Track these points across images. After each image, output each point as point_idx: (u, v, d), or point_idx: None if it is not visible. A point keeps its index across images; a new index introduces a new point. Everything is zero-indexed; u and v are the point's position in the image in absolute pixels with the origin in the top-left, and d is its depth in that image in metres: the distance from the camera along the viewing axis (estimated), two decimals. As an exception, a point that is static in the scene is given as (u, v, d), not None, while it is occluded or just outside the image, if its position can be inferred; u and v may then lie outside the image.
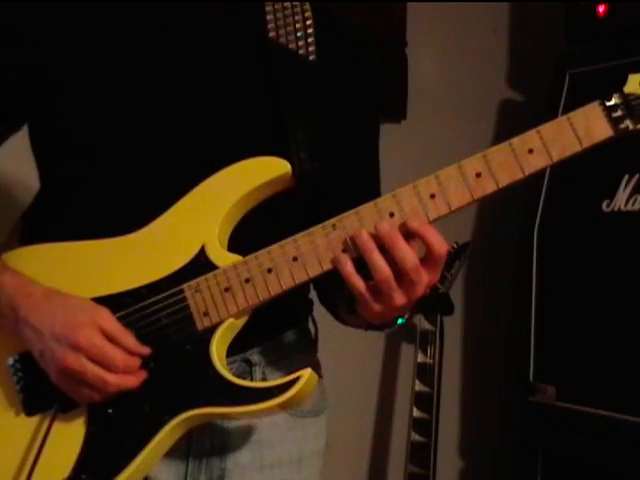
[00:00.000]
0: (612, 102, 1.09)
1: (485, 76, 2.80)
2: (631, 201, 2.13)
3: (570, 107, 2.39)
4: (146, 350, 1.13)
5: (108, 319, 1.12)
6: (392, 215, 1.10)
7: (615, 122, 1.08)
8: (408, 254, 1.06)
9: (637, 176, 2.11)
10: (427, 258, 1.08)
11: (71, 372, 1.10)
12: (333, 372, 1.33)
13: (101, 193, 1.22)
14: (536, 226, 2.33)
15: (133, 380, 1.12)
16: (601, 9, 2.28)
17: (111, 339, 1.11)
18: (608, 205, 2.18)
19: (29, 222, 1.31)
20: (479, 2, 2.74)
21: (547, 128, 1.09)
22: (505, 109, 2.82)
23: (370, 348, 2.66)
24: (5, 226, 1.33)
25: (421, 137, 2.68)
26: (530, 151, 1.09)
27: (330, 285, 1.19)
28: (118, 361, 1.11)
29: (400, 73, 2.63)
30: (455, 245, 2.51)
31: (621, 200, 2.15)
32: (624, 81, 1.11)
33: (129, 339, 1.12)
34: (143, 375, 1.13)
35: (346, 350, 2.32)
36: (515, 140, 1.09)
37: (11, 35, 1.21)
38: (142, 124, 1.21)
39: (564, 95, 2.33)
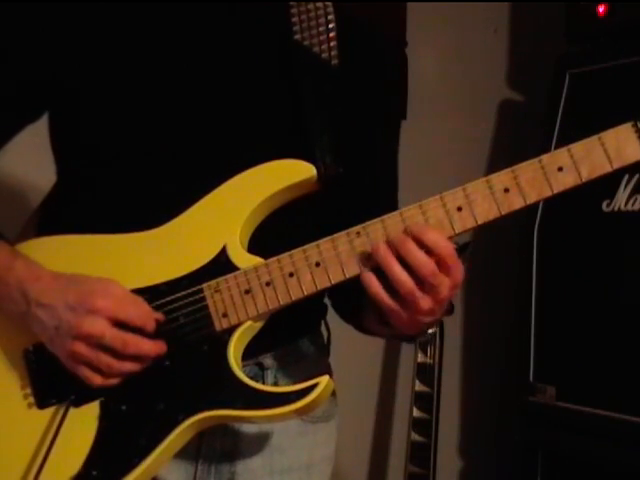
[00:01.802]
0: None
1: (485, 76, 2.79)
2: (631, 201, 2.13)
3: (570, 107, 2.41)
4: (160, 315, 1.12)
5: (119, 287, 1.12)
6: None
7: None
8: (422, 259, 1.06)
9: (637, 176, 2.11)
10: (437, 260, 1.07)
11: (89, 337, 1.09)
12: (333, 372, 1.33)
13: (119, 190, 1.21)
14: (536, 226, 2.33)
15: (151, 345, 1.11)
16: (601, 9, 2.28)
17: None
18: (608, 205, 2.18)
19: (46, 213, 1.31)
20: (479, 2, 2.74)
21: (578, 146, 1.08)
22: (505, 109, 2.82)
23: (370, 348, 2.66)
24: (17, 221, 1.33)
25: (421, 137, 2.68)
26: (560, 169, 1.08)
27: (352, 296, 1.19)
28: (139, 314, 1.10)
29: (400, 73, 2.62)
30: (455, 245, 2.51)
31: (621, 200, 2.15)
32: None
33: (142, 305, 1.12)
34: (162, 346, 1.12)
35: (346, 350, 2.31)
36: (545, 157, 1.08)
37: (27, 36, 1.20)
38: (162, 124, 1.20)
39: (564, 95, 2.33)
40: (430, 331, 1.17)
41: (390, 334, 1.23)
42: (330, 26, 1.25)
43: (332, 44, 1.25)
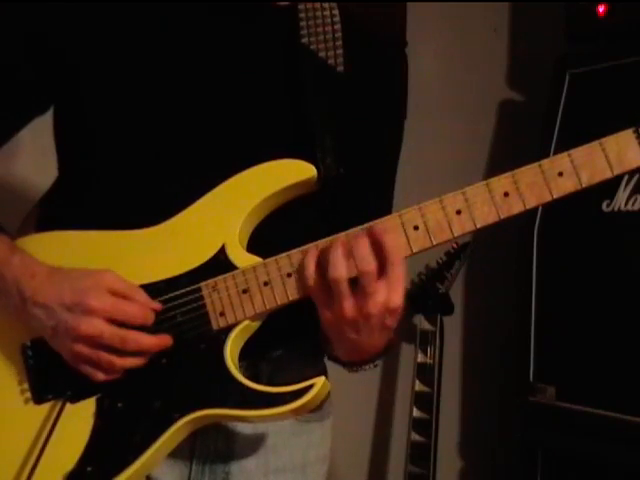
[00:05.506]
0: None
1: (485, 76, 2.79)
2: (631, 201, 2.13)
3: (570, 107, 2.42)
4: (158, 305, 1.13)
5: (114, 278, 1.12)
6: (416, 228, 1.10)
7: None
8: (365, 254, 1.06)
9: (637, 176, 2.11)
10: (380, 264, 1.07)
11: (87, 338, 1.09)
12: (333, 372, 1.33)
13: (119, 186, 1.22)
14: (536, 226, 2.33)
15: (152, 340, 1.11)
16: (601, 9, 2.28)
17: (122, 297, 1.11)
18: (608, 205, 2.17)
19: (46, 208, 1.31)
20: (479, 2, 2.74)
21: (578, 152, 1.08)
22: (505, 109, 2.82)
23: (370, 348, 2.65)
24: (17, 218, 1.33)
25: (421, 137, 2.68)
26: (560, 174, 1.08)
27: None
28: (136, 312, 1.10)
29: (402, 75, 2.62)
30: (455, 245, 2.51)
31: (621, 200, 2.14)
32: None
33: (140, 293, 1.12)
34: (165, 339, 1.12)
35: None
36: (545, 162, 1.08)
37: (35, 30, 1.20)
38: (165, 122, 1.20)
39: (564, 95, 2.33)
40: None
41: (329, 354, 1.25)
42: (336, 31, 1.26)
43: (338, 51, 1.25)
